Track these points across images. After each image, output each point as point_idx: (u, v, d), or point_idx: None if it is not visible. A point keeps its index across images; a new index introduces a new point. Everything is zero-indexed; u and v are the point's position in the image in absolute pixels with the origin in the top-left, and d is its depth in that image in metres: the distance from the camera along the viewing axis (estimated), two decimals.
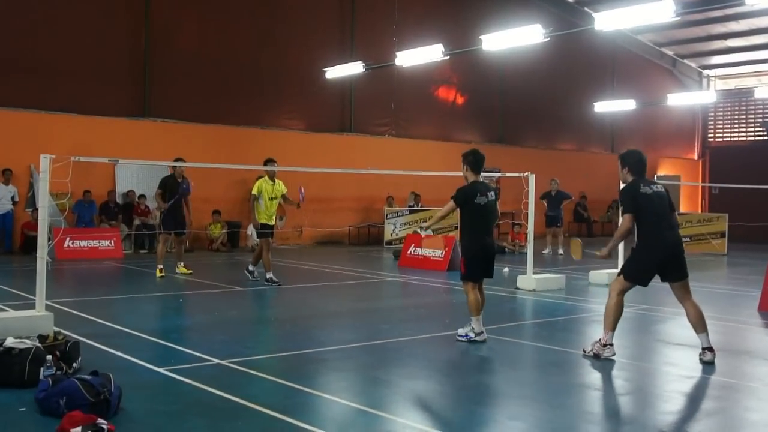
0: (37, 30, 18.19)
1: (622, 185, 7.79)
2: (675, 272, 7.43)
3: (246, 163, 18.79)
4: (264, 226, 13.01)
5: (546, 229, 20.74)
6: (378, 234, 23.16)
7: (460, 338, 8.22)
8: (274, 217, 13.27)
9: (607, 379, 6.90)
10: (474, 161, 8.49)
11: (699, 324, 7.38)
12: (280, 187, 13.12)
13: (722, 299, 12.55)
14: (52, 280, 9.35)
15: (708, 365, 7.20)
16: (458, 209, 8.45)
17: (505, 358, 7.77)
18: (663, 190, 7.55)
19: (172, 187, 13.91)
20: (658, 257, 7.33)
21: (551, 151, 29.05)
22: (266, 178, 13.04)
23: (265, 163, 13.09)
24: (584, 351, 7.57)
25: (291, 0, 22.28)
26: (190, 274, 14.05)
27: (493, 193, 8.45)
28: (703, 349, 7.34)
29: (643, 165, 7.68)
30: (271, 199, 12.98)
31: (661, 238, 7.32)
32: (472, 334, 8.18)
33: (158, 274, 13.66)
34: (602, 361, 7.29)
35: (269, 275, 12.76)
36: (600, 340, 7.45)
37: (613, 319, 7.40)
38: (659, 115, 32.67)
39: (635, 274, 7.44)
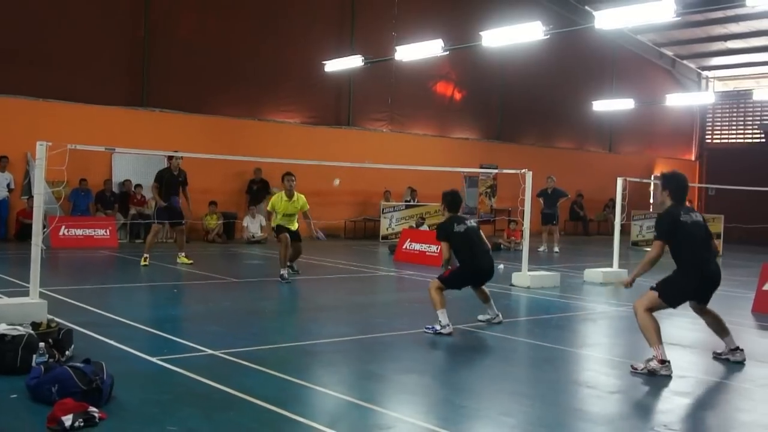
0: (36, 18, 18.11)
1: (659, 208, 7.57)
2: (704, 298, 7.47)
3: (243, 155, 18.78)
4: (279, 227, 12.34)
5: (542, 226, 20.74)
6: (374, 228, 23.15)
7: (427, 329, 8.40)
8: (294, 224, 12.49)
9: (600, 377, 6.91)
10: (452, 201, 9.01)
11: (721, 330, 7.45)
12: (299, 203, 12.29)
13: (716, 300, 12.43)
14: (46, 268, 9.32)
15: (739, 364, 7.33)
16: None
17: (498, 354, 7.77)
18: (701, 218, 7.39)
19: (169, 181, 13.88)
20: (699, 285, 7.25)
21: (549, 149, 29.05)
22: (282, 193, 12.29)
23: (282, 178, 12.32)
24: (633, 368, 6.99)
25: None
26: (191, 264, 13.98)
27: (472, 221, 9.09)
28: (731, 350, 7.45)
29: (685, 192, 7.42)
30: (287, 215, 12.29)
31: (704, 268, 7.19)
32: (438, 327, 8.33)
33: (143, 262, 13.63)
34: (595, 360, 7.31)
35: (282, 272, 12.28)
36: (654, 357, 6.95)
37: (654, 333, 7.02)
38: (657, 115, 32.68)
39: (671, 297, 7.19)
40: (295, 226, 12.50)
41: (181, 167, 14.09)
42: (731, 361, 7.37)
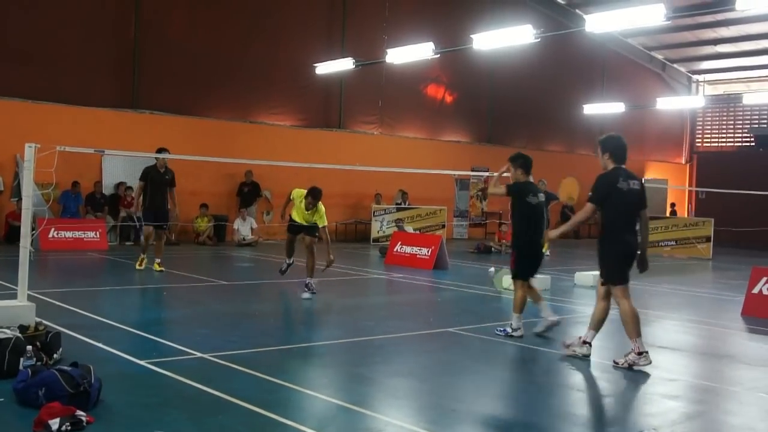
0: (26, 19, 18.04)
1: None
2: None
3: (234, 157, 18.73)
4: (290, 223, 11.70)
5: None
6: (365, 231, 23.14)
7: (498, 332, 8.46)
8: (307, 220, 11.38)
9: (589, 381, 6.91)
10: (524, 163, 8.70)
11: (600, 324, 7.42)
12: (313, 216, 11.25)
13: (706, 303, 12.61)
14: (35, 270, 9.27)
15: (586, 358, 7.33)
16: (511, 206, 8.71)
17: (488, 358, 7.75)
18: (639, 186, 7.40)
19: (155, 179, 13.11)
20: (621, 258, 7.28)
21: (539, 152, 28.96)
22: (305, 198, 11.20)
23: (307, 194, 11.17)
24: (615, 363, 7.25)
25: None
26: (161, 272, 13.02)
27: (543, 195, 8.72)
28: (585, 342, 7.41)
29: (625, 151, 7.50)
30: (301, 215, 11.42)
31: (624, 240, 7.26)
32: (509, 329, 8.39)
33: (155, 267, 12.99)
34: (584, 363, 7.30)
35: (283, 265, 11.94)
36: (633, 350, 7.16)
37: (631, 325, 7.18)
38: (648, 118, 32.78)
39: (617, 276, 7.31)
40: (308, 221, 11.36)
41: (168, 166, 13.31)
42: (580, 354, 7.35)
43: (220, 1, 21.10)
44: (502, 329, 8.50)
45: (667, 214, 29.62)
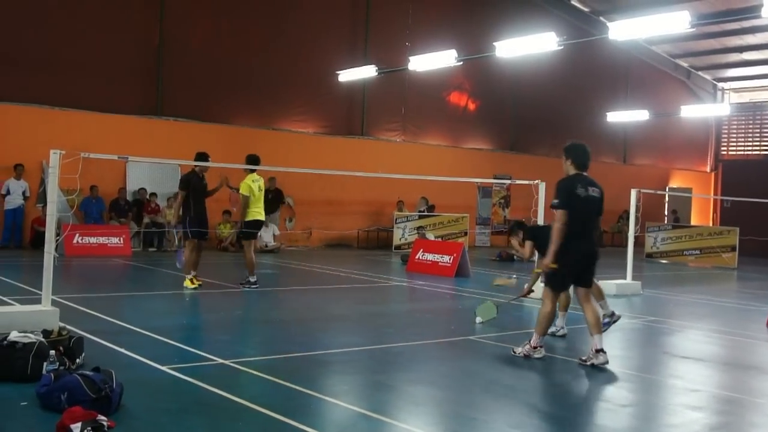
0: (52, 26, 18.27)
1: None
2: (584, 280, 7.64)
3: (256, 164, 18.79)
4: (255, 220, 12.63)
5: None
6: (387, 238, 23.13)
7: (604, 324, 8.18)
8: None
9: (612, 391, 6.84)
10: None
11: (596, 326, 7.51)
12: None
13: (731, 313, 12.46)
14: (59, 275, 9.36)
15: (602, 367, 7.31)
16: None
17: (509, 366, 7.71)
18: (598, 194, 7.59)
19: (197, 187, 12.36)
20: (575, 266, 7.45)
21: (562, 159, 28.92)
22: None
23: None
24: (514, 351, 7.78)
25: (305, 2, 22.33)
26: (198, 287, 12.12)
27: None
28: (595, 351, 7.41)
29: (587, 158, 7.70)
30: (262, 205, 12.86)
31: (578, 247, 7.40)
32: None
33: (190, 285, 12.04)
34: (607, 372, 7.24)
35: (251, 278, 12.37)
36: (530, 342, 7.67)
37: (541, 324, 7.61)
38: (672, 126, 32.53)
39: (555, 283, 7.58)
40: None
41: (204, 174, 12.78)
42: (595, 364, 7.34)
43: (243, 10, 21.24)
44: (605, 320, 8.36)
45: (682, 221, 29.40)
